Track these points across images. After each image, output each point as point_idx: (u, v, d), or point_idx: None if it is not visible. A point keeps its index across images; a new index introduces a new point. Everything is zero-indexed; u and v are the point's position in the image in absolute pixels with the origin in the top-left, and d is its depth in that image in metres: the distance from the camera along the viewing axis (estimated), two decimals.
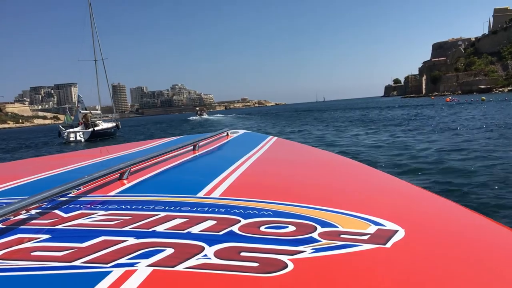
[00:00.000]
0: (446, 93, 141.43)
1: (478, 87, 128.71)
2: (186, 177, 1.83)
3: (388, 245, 0.91)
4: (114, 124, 43.77)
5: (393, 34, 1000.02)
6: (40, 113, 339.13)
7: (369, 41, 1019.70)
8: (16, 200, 1.11)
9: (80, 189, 1.45)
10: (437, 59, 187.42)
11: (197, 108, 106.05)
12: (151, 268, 0.80)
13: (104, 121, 45.33)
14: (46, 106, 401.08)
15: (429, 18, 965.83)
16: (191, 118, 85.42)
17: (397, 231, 0.98)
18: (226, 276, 0.77)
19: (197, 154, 2.35)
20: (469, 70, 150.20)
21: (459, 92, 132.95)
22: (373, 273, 0.81)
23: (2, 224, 1.11)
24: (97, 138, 37.77)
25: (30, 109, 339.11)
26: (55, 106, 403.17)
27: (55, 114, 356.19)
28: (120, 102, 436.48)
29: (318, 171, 2.05)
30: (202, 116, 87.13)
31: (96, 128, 39.16)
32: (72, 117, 41.59)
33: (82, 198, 1.37)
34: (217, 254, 0.86)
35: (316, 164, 2.29)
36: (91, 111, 43.37)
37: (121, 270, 0.80)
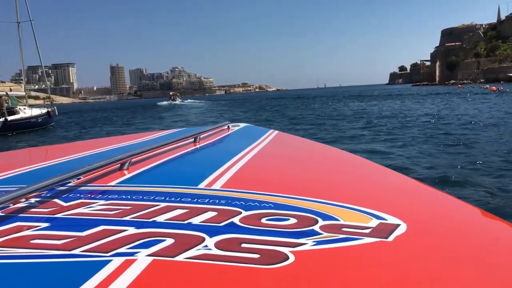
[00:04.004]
0: (465, 81, 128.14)
1: (506, 74, 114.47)
2: (186, 169, 1.83)
3: (390, 239, 0.91)
4: (43, 111, 31.32)
5: (397, 20, 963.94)
6: (33, 93, 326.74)
7: (372, 28, 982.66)
8: (15, 188, 1.11)
9: (80, 178, 1.45)
10: (451, 43, 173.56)
11: (171, 93, 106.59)
12: (151, 258, 0.80)
13: (36, 107, 33.18)
14: (43, 86, 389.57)
15: (435, 4, 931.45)
16: (159, 103, 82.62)
17: (399, 225, 0.98)
18: (227, 267, 0.77)
19: (197, 146, 2.35)
20: (493, 56, 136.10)
21: (482, 80, 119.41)
22: (374, 266, 0.81)
23: (1, 212, 1.11)
24: (13, 131, 25.79)
25: (26, 89, 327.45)
26: (52, 86, 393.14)
27: (48, 95, 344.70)
28: (119, 84, 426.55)
29: (320, 165, 2.05)
30: (174, 102, 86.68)
31: (11, 118, 26.89)
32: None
33: (82, 188, 1.36)
34: (217, 245, 0.86)
35: (317, 158, 2.30)
36: (7, 93, 30.81)
37: (121, 259, 0.79)
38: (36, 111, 30.62)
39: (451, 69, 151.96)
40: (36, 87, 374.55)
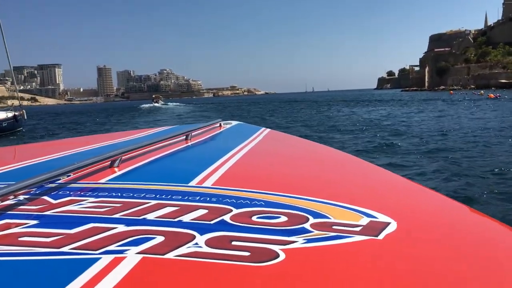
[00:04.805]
0: (455, 86, 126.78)
1: (497, 81, 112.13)
2: (178, 166, 1.84)
3: (380, 237, 0.91)
4: (9, 115, 28.44)
5: (385, 26, 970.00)
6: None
7: (360, 33, 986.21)
8: (3, 185, 1.09)
9: (70, 175, 1.44)
10: (441, 49, 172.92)
11: (153, 96, 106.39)
12: (141, 256, 0.79)
13: (1, 110, 30.27)
14: (29, 86, 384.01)
15: (421, 11, 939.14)
16: (141, 106, 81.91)
17: (389, 223, 0.99)
18: (217, 265, 0.77)
19: (189, 144, 2.34)
20: (483, 62, 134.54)
21: (472, 86, 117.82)
22: (365, 264, 0.81)
23: None
24: None
25: (11, 90, 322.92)
26: (38, 87, 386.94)
27: (33, 96, 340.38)
28: (106, 85, 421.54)
29: (311, 163, 2.06)
30: (156, 104, 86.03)
31: None
32: None
33: (72, 185, 1.35)
34: (208, 243, 0.85)
35: (309, 156, 2.31)
36: None
37: (110, 257, 0.79)
38: (1, 115, 27.85)
39: (440, 74, 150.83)
40: (22, 87, 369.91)
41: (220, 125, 3.18)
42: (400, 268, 0.80)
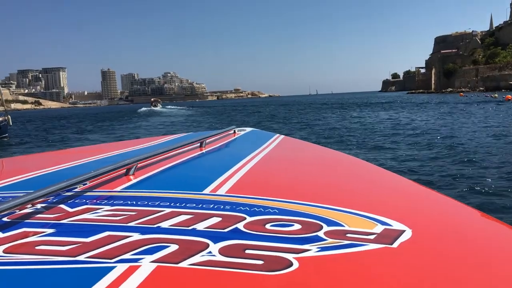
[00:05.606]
0: (463, 89, 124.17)
1: (508, 82, 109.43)
2: (192, 174, 1.85)
3: (395, 245, 0.90)
4: None
5: (389, 28, 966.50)
6: (21, 97, 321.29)
7: (365, 35, 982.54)
8: (22, 194, 1.11)
9: (86, 184, 1.46)
10: (448, 50, 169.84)
11: (152, 99, 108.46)
12: (155, 264, 0.80)
13: None
14: (33, 90, 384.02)
15: (426, 13, 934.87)
16: (139, 110, 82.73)
17: (404, 231, 0.98)
18: (231, 274, 0.77)
19: (203, 151, 2.36)
20: (492, 63, 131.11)
21: (481, 88, 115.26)
22: (379, 273, 0.80)
23: (7, 218, 1.11)
24: None
25: (16, 93, 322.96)
26: (42, 90, 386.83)
27: (37, 99, 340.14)
28: (110, 89, 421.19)
29: (325, 170, 2.05)
30: (155, 108, 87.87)
31: None
32: None
33: (88, 193, 1.37)
34: (221, 251, 0.85)
35: (323, 162, 2.29)
36: None
37: (125, 265, 0.79)
38: None
39: (448, 76, 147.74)
40: (26, 91, 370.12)
41: (234, 131, 3.19)
42: (415, 278, 0.79)
